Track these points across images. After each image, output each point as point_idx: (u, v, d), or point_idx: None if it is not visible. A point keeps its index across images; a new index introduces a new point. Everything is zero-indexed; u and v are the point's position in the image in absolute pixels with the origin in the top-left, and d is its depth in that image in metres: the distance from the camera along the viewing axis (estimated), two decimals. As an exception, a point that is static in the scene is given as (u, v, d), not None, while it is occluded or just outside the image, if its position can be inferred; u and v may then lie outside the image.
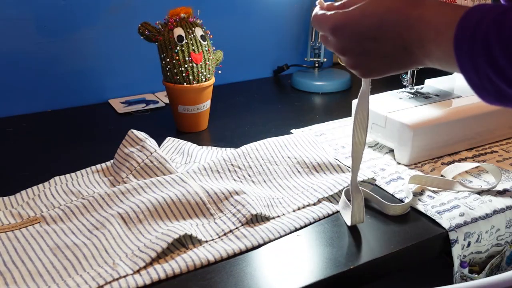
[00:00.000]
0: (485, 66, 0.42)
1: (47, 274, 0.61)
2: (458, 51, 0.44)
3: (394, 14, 0.50)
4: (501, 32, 0.41)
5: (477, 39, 0.42)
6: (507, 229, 0.75)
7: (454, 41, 0.44)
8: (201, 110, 1.01)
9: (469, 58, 0.43)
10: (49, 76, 1.13)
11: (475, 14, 0.44)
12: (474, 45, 0.43)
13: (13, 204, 0.75)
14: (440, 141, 0.89)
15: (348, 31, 0.53)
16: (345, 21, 0.53)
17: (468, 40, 0.43)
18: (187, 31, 0.95)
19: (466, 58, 0.44)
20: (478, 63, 0.43)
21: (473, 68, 0.44)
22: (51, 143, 0.98)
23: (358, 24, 0.52)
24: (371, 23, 0.51)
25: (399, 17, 0.50)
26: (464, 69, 0.45)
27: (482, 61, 0.42)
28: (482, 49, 0.42)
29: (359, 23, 0.52)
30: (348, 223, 0.70)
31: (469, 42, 0.43)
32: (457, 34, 0.44)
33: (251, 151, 0.85)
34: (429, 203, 0.76)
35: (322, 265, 0.64)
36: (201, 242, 0.67)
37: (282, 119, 1.08)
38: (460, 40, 0.44)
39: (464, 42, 0.44)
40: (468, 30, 0.43)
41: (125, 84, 1.21)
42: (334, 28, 0.54)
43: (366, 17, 0.51)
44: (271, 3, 1.33)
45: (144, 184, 0.75)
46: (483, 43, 0.42)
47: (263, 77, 1.39)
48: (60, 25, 1.10)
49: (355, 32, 0.52)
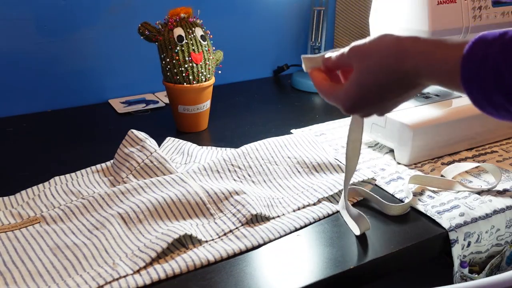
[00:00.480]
0: (499, 98, 0.43)
1: (47, 274, 0.61)
2: (467, 84, 0.45)
3: (392, 76, 0.51)
4: (510, 63, 0.42)
5: (487, 70, 0.43)
6: (507, 229, 0.75)
7: (461, 79, 0.45)
8: (201, 110, 1.01)
9: (480, 90, 0.44)
10: (49, 76, 1.13)
11: (480, 46, 0.44)
12: (484, 76, 0.43)
13: (13, 204, 0.75)
14: (440, 141, 0.89)
15: (359, 107, 0.56)
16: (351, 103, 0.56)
17: (476, 73, 0.44)
18: (187, 31, 0.95)
19: (477, 91, 0.44)
20: (490, 95, 0.44)
21: (486, 100, 0.44)
22: (51, 143, 0.98)
23: (364, 99, 0.55)
24: (374, 91, 0.53)
25: (398, 76, 0.51)
26: (475, 101, 0.45)
27: (495, 93, 0.43)
28: (494, 81, 0.43)
29: (364, 98, 0.55)
30: (357, 233, 0.69)
31: (478, 74, 0.44)
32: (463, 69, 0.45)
33: (251, 151, 0.85)
34: (429, 203, 0.76)
35: (322, 265, 0.64)
36: (201, 242, 0.67)
37: (282, 119, 1.08)
38: (468, 75, 0.44)
39: (472, 76, 0.44)
40: (474, 63, 0.44)
41: (125, 84, 1.21)
42: (348, 109, 0.57)
43: (367, 88, 0.54)
44: (271, 3, 1.33)
45: (144, 184, 0.75)
46: (494, 73, 0.42)
47: (263, 77, 1.39)
48: (60, 25, 1.10)
49: (364, 104, 0.55)
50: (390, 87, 0.52)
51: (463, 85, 0.45)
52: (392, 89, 0.52)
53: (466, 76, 0.44)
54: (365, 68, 0.53)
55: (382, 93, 0.53)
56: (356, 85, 0.54)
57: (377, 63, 0.52)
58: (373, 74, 0.52)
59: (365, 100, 0.55)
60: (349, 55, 0.56)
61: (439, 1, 0.87)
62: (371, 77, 0.53)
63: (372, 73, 0.53)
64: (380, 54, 0.52)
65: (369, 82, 0.53)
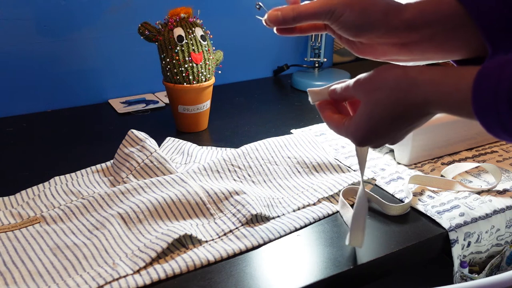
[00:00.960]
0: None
1: (47, 274, 0.61)
2: (479, 115, 0.44)
3: (401, 108, 0.51)
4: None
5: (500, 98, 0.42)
6: (507, 229, 0.75)
7: (473, 109, 0.44)
8: (201, 110, 1.01)
9: (494, 118, 0.43)
10: (49, 76, 1.13)
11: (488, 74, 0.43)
12: (497, 103, 0.43)
13: (13, 204, 0.75)
14: (440, 141, 0.89)
15: (371, 140, 0.55)
16: (363, 135, 0.54)
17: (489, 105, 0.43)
18: (187, 31, 0.95)
19: (489, 118, 0.44)
20: (505, 123, 0.43)
21: (501, 127, 0.44)
22: (51, 143, 0.98)
23: (375, 132, 0.54)
24: (385, 124, 0.52)
25: (406, 108, 0.50)
26: (489, 128, 0.45)
27: (509, 120, 0.42)
28: (509, 109, 0.42)
29: (375, 131, 0.53)
30: (346, 242, 0.67)
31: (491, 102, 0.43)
32: (475, 104, 0.44)
33: (251, 151, 0.85)
34: (429, 203, 0.76)
35: (322, 265, 0.64)
36: (201, 242, 0.67)
37: (282, 119, 1.08)
38: (479, 107, 0.44)
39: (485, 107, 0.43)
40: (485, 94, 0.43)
41: (125, 84, 1.21)
42: (360, 143, 0.56)
43: (377, 122, 0.53)
44: (271, 3, 1.33)
45: (144, 184, 0.75)
46: (508, 104, 0.42)
47: (263, 77, 1.39)
48: (60, 25, 1.10)
49: (375, 137, 0.54)
50: (401, 119, 0.51)
51: (475, 114, 0.44)
52: (403, 120, 0.52)
53: (478, 106, 0.44)
54: (374, 101, 0.52)
55: (393, 125, 0.52)
56: (366, 118, 0.53)
57: (386, 97, 0.51)
58: (383, 107, 0.52)
59: (375, 132, 0.54)
60: (355, 88, 0.55)
61: (439, 1, 0.87)
62: (381, 110, 0.52)
63: (382, 106, 0.52)
64: (388, 87, 0.51)
65: (380, 115, 0.52)
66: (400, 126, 0.53)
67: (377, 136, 0.54)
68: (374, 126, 0.53)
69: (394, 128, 0.53)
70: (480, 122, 0.45)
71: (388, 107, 0.51)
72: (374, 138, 0.54)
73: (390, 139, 0.56)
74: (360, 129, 0.54)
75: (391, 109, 0.51)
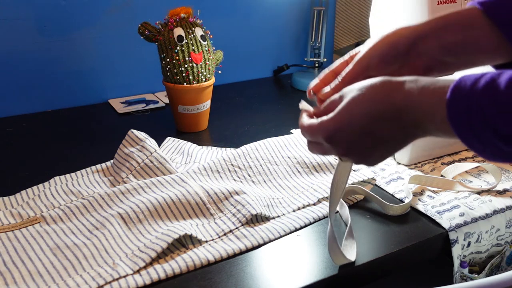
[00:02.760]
0: (488, 136, 0.44)
1: (47, 274, 0.61)
2: (456, 127, 0.45)
3: (380, 106, 0.51)
4: (494, 101, 0.43)
5: (472, 113, 0.44)
6: (507, 229, 0.75)
7: (448, 119, 0.45)
8: (201, 110, 1.01)
9: (470, 131, 0.45)
10: (49, 76, 1.13)
11: (462, 88, 0.45)
12: (471, 119, 0.44)
13: (13, 204, 0.75)
14: (440, 141, 0.89)
15: (344, 136, 0.53)
16: (337, 128, 0.53)
17: (464, 116, 0.45)
18: (187, 31, 0.95)
19: (467, 132, 0.45)
20: (480, 135, 0.44)
21: (475, 138, 0.45)
22: (51, 143, 0.98)
23: (350, 127, 0.52)
24: (361, 121, 0.52)
25: (386, 107, 0.50)
26: (468, 142, 0.46)
27: (484, 133, 0.44)
28: (481, 123, 0.44)
29: (351, 125, 0.52)
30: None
31: (466, 117, 0.44)
32: (450, 113, 0.45)
33: (251, 151, 0.85)
34: (429, 203, 0.76)
35: (322, 265, 0.64)
36: (201, 242, 0.67)
37: (282, 119, 1.08)
38: (454, 117, 0.45)
39: (460, 118, 0.45)
40: (460, 105, 0.45)
41: (125, 84, 1.21)
42: (329, 137, 0.54)
43: (354, 116, 0.52)
44: (271, 3, 1.33)
45: (144, 184, 0.75)
46: (480, 116, 0.44)
47: (263, 77, 1.39)
48: (60, 25, 1.10)
49: (350, 134, 0.53)
50: (378, 121, 0.51)
51: (449, 121, 0.46)
52: (380, 124, 0.51)
53: (452, 113, 0.45)
54: (356, 98, 0.52)
55: (369, 126, 0.51)
56: (343, 111, 0.52)
57: (368, 94, 0.51)
58: (362, 103, 0.51)
59: (351, 130, 0.52)
60: (343, 90, 0.55)
61: (439, 1, 0.87)
62: (360, 106, 0.51)
63: (361, 102, 0.51)
64: (374, 86, 0.51)
65: (357, 111, 0.52)
66: (376, 132, 0.51)
67: (352, 137, 0.52)
68: (351, 121, 0.52)
69: (370, 131, 0.51)
70: (454, 130, 0.46)
71: (367, 104, 0.51)
72: (348, 138, 0.53)
73: (367, 151, 0.54)
74: (334, 122, 0.53)
75: (369, 106, 0.51)
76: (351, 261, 0.64)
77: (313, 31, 1.34)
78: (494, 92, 0.43)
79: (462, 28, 0.56)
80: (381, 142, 0.52)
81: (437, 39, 0.56)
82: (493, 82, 0.44)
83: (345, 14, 1.49)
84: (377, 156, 0.54)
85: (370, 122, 0.51)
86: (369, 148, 0.53)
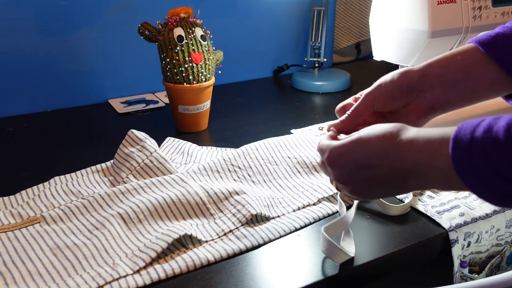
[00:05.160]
0: (492, 179, 0.44)
1: (47, 274, 0.61)
2: (459, 171, 0.46)
3: (385, 142, 0.52)
4: (496, 145, 0.44)
5: (475, 156, 0.44)
6: (507, 229, 0.75)
7: (453, 161, 0.46)
8: (201, 110, 1.01)
9: (473, 175, 0.45)
10: (49, 76, 1.13)
11: (466, 133, 0.46)
12: (475, 163, 0.45)
13: (13, 204, 0.75)
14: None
15: (343, 162, 0.56)
16: (340, 152, 0.56)
17: (467, 159, 0.45)
18: (187, 31, 0.95)
19: (470, 176, 0.45)
20: (484, 178, 0.45)
21: (479, 181, 0.45)
22: (51, 143, 0.98)
23: (352, 154, 0.55)
24: (363, 152, 0.54)
25: (390, 144, 0.52)
26: (470, 185, 0.46)
27: (488, 175, 0.44)
28: (485, 167, 0.44)
29: (353, 153, 0.54)
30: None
31: (469, 161, 0.45)
32: (454, 156, 0.46)
33: (251, 151, 0.85)
34: (429, 203, 0.76)
35: (322, 265, 0.64)
36: (201, 242, 0.67)
37: (282, 119, 1.08)
38: (458, 160, 0.46)
39: (463, 162, 0.45)
40: (464, 150, 0.45)
41: (125, 84, 1.21)
42: (330, 159, 0.57)
43: (359, 146, 0.54)
44: (271, 3, 1.33)
45: (144, 184, 0.75)
46: (483, 160, 0.44)
47: (263, 77, 1.39)
48: (60, 25, 1.10)
49: (350, 161, 0.55)
50: (382, 158, 0.52)
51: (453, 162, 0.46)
52: (383, 163, 0.52)
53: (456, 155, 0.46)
54: (368, 130, 0.55)
55: (372, 164, 0.53)
56: (357, 137, 0.55)
57: (380, 130, 0.54)
58: (372, 137, 0.53)
59: (354, 156, 0.54)
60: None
61: (439, 1, 0.87)
62: (370, 139, 0.54)
63: (372, 135, 0.54)
64: (382, 128, 0.54)
65: (367, 141, 0.54)
66: (376, 175, 0.53)
67: (354, 162, 0.54)
68: (357, 146, 0.54)
69: (372, 166, 0.53)
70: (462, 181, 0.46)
71: (376, 136, 0.53)
72: (350, 163, 0.55)
73: (362, 188, 0.56)
74: (345, 144, 0.55)
75: (378, 138, 0.53)
76: (351, 256, 0.64)
77: (313, 31, 1.34)
78: (494, 140, 0.44)
79: (463, 66, 0.60)
80: (376, 180, 0.54)
81: (439, 78, 0.60)
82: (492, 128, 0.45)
83: (345, 14, 1.49)
84: (371, 194, 0.57)
85: (371, 155, 0.53)
86: (363, 182, 0.55)
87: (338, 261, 0.63)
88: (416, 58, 0.93)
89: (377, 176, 0.53)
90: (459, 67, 0.60)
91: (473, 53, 0.60)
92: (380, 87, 0.63)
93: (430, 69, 0.61)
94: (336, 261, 0.63)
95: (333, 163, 0.57)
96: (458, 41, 0.93)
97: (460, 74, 0.60)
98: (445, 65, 0.61)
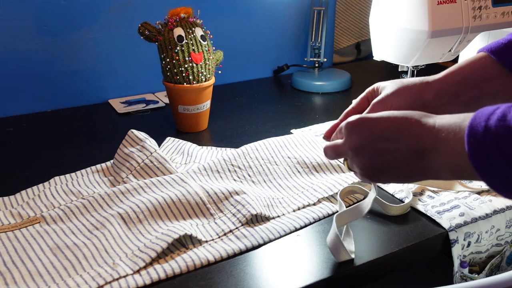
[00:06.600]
0: (504, 167, 0.43)
1: (47, 274, 0.61)
2: (472, 157, 0.45)
3: (406, 120, 0.53)
4: (510, 134, 0.43)
5: (488, 145, 0.44)
6: (507, 229, 0.75)
7: (467, 149, 0.45)
8: (201, 110, 1.01)
9: (486, 163, 0.44)
10: (49, 76, 1.13)
11: (480, 121, 0.45)
12: (488, 152, 0.44)
13: (13, 204, 0.75)
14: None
15: (363, 129, 0.55)
16: (362, 120, 0.55)
17: (480, 147, 0.44)
18: (187, 31, 0.95)
19: (483, 164, 0.45)
20: (495, 167, 0.44)
21: (490, 169, 0.45)
22: (51, 143, 0.98)
23: (373, 125, 0.55)
24: (384, 124, 0.54)
25: (411, 123, 0.52)
26: (481, 172, 0.46)
27: (500, 164, 0.44)
28: (498, 155, 0.43)
29: (374, 123, 0.54)
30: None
31: (482, 149, 0.44)
32: (469, 143, 0.45)
33: (251, 151, 0.85)
34: (429, 203, 0.76)
35: (322, 265, 0.64)
36: (201, 242, 0.67)
37: (282, 119, 1.08)
38: (472, 148, 0.45)
39: (477, 149, 0.45)
40: (477, 139, 0.45)
41: (125, 84, 1.21)
42: (350, 124, 0.56)
43: (381, 119, 0.54)
44: (271, 3, 1.33)
45: (144, 184, 0.75)
46: (496, 149, 0.43)
47: (263, 77, 1.39)
48: (60, 25, 1.10)
49: (369, 131, 0.55)
50: (401, 135, 0.52)
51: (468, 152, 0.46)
52: (401, 139, 0.52)
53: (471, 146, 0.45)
54: (392, 111, 0.55)
55: (391, 138, 0.53)
56: (381, 113, 0.55)
57: (403, 112, 0.54)
58: (396, 114, 0.54)
59: (375, 127, 0.54)
60: None
61: (439, 1, 0.87)
62: (394, 116, 0.54)
63: (397, 114, 0.54)
64: (405, 111, 0.54)
65: (391, 117, 0.54)
66: (393, 150, 0.53)
67: (374, 138, 0.54)
68: (381, 119, 0.54)
69: (389, 146, 0.53)
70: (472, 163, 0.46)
71: (399, 115, 0.53)
72: (372, 136, 0.54)
73: (377, 163, 0.55)
74: (363, 119, 0.55)
75: (400, 116, 0.53)
76: (352, 257, 0.64)
77: (313, 31, 1.34)
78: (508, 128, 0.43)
79: (477, 83, 0.60)
80: (392, 156, 0.53)
81: (456, 98, 0.61)
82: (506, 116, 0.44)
83: (345, 14, 1.49)
84: (384, 171, 0.55)
85: (393, 129, 0.53)
86: (378, 155, 0.54)
87: (339, 259, 0.63)
88: (416, 58, 0.93)
89: (392, 151, 0.53)
90: (474, 84, 0.60)
91: (486, 65, 0.60)
92: (392, 102, 0.62)
93: (447, 87, 0.61)
94: (337, 259, 0.63)
95: (352, 129, 0.56)
96: (458, 41, 0.93)
97: (475, 91, 0.60)
98: (461, 80, 0.61)
